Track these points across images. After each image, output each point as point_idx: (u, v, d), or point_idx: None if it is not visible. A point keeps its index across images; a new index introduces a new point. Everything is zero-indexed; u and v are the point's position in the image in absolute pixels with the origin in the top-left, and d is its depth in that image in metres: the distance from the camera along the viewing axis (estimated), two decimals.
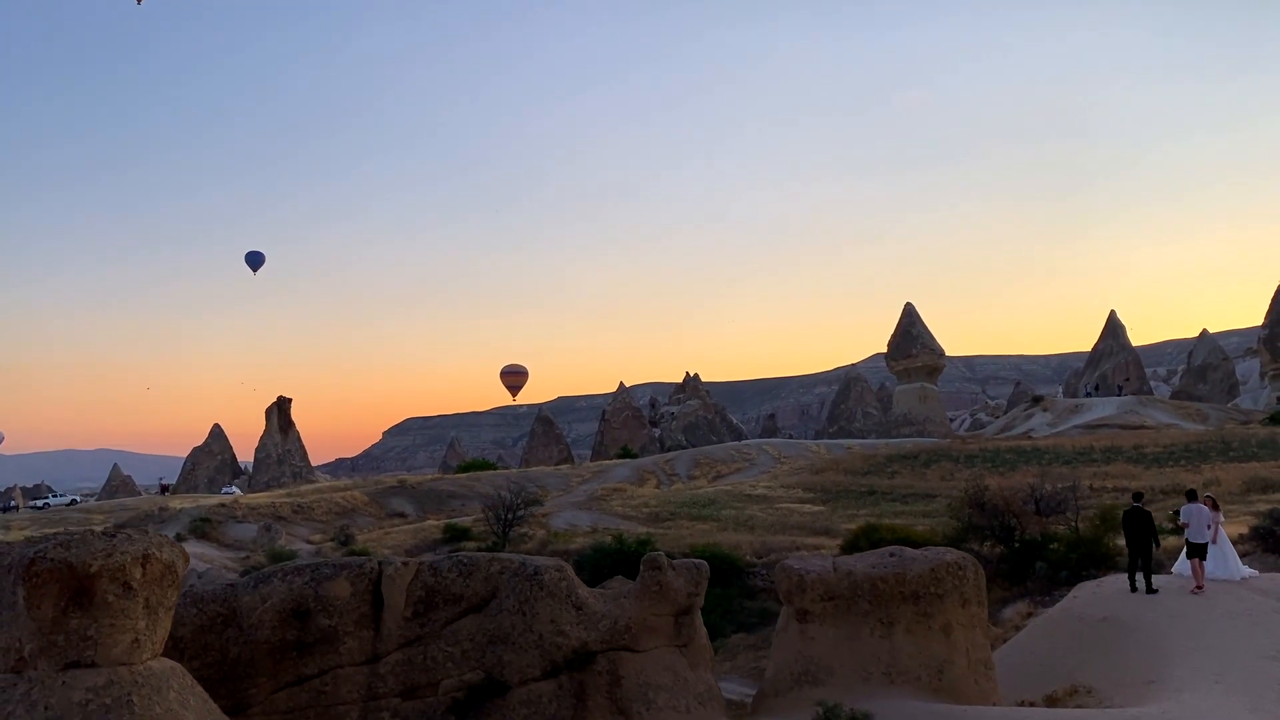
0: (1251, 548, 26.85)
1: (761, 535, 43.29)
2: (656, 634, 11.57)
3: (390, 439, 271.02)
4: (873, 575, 11.56)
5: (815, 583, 11.62)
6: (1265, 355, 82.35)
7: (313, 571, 11.43)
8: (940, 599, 11.44)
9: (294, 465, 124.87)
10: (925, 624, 11.45)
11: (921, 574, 11.47)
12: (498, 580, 11.53)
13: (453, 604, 11.43)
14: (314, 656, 11.15)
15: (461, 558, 11.70)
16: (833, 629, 11.63)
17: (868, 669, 11.38)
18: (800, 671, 11.54)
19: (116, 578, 8.15)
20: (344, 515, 49.50)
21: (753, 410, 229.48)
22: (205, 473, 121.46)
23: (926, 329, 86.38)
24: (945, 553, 11.94)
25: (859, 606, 11.58)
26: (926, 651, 11.40)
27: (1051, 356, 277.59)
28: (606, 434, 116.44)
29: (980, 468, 57.81)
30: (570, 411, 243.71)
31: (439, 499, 54.58)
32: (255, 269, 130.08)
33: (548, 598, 11.37)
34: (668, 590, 11.60)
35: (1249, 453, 53.56)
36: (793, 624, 11.84)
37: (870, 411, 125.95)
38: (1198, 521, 16.77)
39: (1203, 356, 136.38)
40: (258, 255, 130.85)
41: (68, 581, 8.05)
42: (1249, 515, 32.21)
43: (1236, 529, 30.57)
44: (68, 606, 8.06)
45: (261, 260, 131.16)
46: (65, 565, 8.05)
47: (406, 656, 11.24)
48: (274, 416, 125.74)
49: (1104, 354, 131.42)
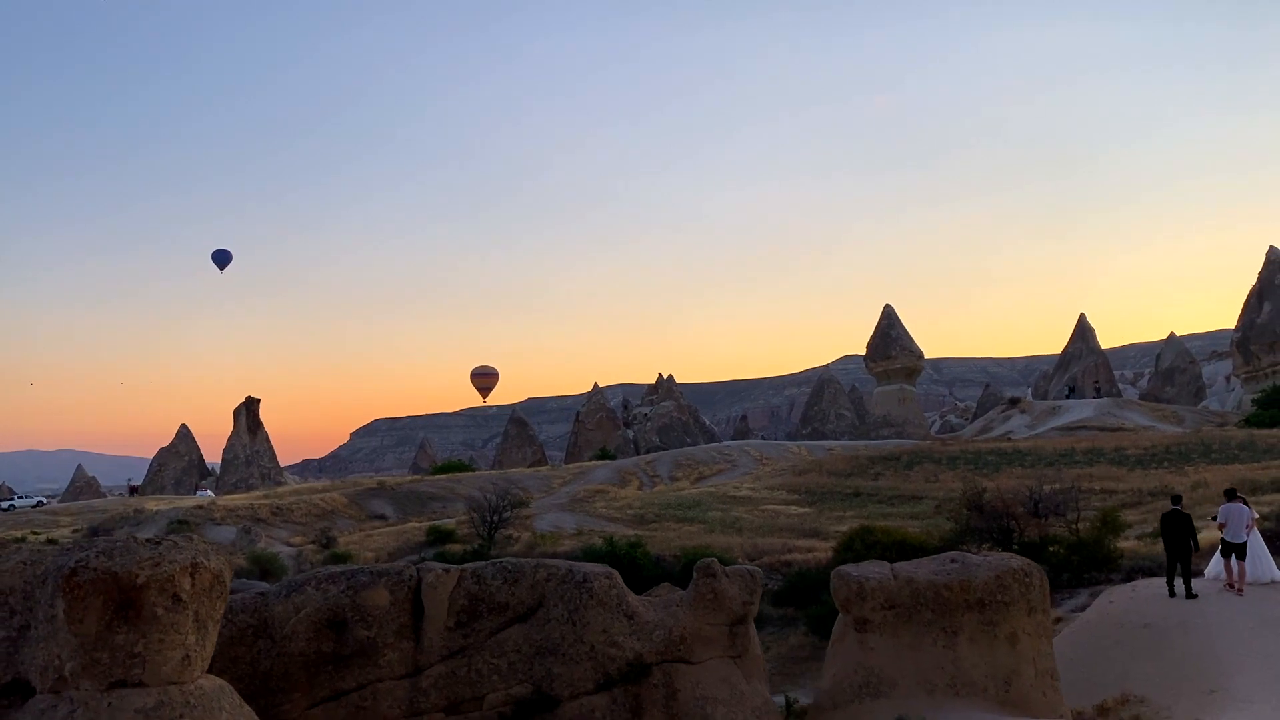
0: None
1: (750, 537, 42.84)
2: (711, 645, 11.03)
3: (358, 440, 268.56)
4: (936, 583, 11.08)
5: (875, 590, 11.12)
6: (1238, 358, 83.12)
7: (348, 579, 10.79)
8: (1006, 607, 10.98)
9: (262, 466, 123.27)
10: (990, 633, 10.99)
11: (986, 581, 11.01)
12: (544, 588, 10.95)
13: (497, 613, 10.83)
14: (351, 670, 10.51)
15: (506, 564, 11.11)
16: (893, 638, 11.14)
17: (931, 680, 10.90)
18: (861, 683, 11.04)
19: (165, 589, 7.48)
20: (323, 517, 48.55)
21: (723, 412, 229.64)
22: (172, 474, 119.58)
23: (905, 331, 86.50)
24: (1009, 558, 11.49)
25: (921, 615, 11.10)
26: (992, 662, 10.94)
27: (1017, 359, 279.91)
28: (580, 435, 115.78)
29: (963, 469, 57.77)
30: (540, 413, 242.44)
31: (419, 501, 53.72)
32: (222, 268, 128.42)
33: (598, 606, 10.80)
34: (723, 598, 11.07)
35: (1230, 455, 53.82)
36: (851, 633, 11.33)
37: (843, 413, 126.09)
38: (1236, 521, 16.49)
39: (1170, 359, 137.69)
40: (224, 254, 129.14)
41: (112, 593, 7.38)
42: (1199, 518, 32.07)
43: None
44: (112, 620, 7.38)
45: (228, 259, 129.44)
46: (109, 575, 7.39)
47: (450, 669, 10.63)
48: (242, 417, 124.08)
49: (1073, 356, 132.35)
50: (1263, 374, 78.69)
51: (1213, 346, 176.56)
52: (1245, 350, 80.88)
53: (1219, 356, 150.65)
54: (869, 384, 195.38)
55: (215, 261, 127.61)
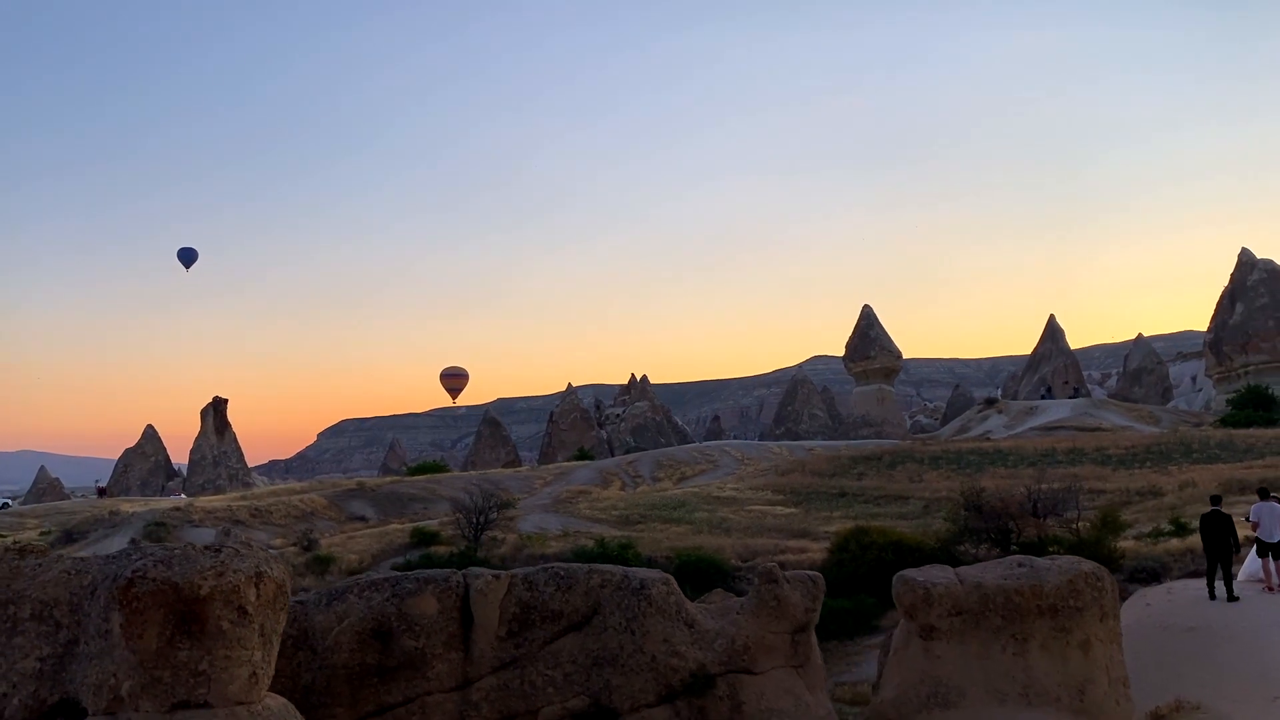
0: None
1: (739, 538, 42.41)
2: (774, 654, 10.54)
3: (325, 440, 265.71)
4: (1006, 588, 10.64)
5: (943, 596, 10.66)
6: (1211, 359, 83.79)
7: (393, 586, 10.19)
8: (1079, 612, 10.56)
9: (230, 467, 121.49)
10: (1063, 640, 10.57)
11: (1059, 585, 10.58)
12: (599, 595, 10.41)
13: (551, 622, 10.28)
14: (398, 682, 9.92)
15: (558, 569, 10.56)
16: (960, 646, 10.68)
17: (1002, 690, 10.46)
18: (928, 693, 10.58)
19: (230, 601, 6.88)
20: (303, 519, 47.58)
21: (693, 412, 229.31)
22: (138, 475, 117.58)
23: (884, 331, 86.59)
24: (1080, 562, 11.08)
25: (990, 621, 10.65)
26: (1065, 670, 10.51)
27: (983, 360, 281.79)
28: (555, 436, 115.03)
29: (946, 469, 57.74)
30: (509, 413, 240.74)
31: (400, 502, 52.86)
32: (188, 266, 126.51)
33: (657, 614, 10.27)
34: (785, 605, 10.58)
35: (1211, 454, 54.07)
36: (915, 641, 10.86)
37: (816, 413, 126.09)
38: (1269, 520, 16.24)
39: (1139, 360, 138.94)
40: (190, 252, 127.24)
41: (173, 606, 6.76)
42: (1238, 518, 32.08)
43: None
44: (174, 635, 6.77)
45: (194, 257, 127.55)
46: (170, 586, 6.77)
47: (501, 681, 10.06)
48: (209, 417, 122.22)
49: (1043, 357, 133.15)
50: (1235, 374, 79.34)
51: (1177, 348, 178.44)
52: (1218, 351, 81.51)
53: (1184, 357, 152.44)
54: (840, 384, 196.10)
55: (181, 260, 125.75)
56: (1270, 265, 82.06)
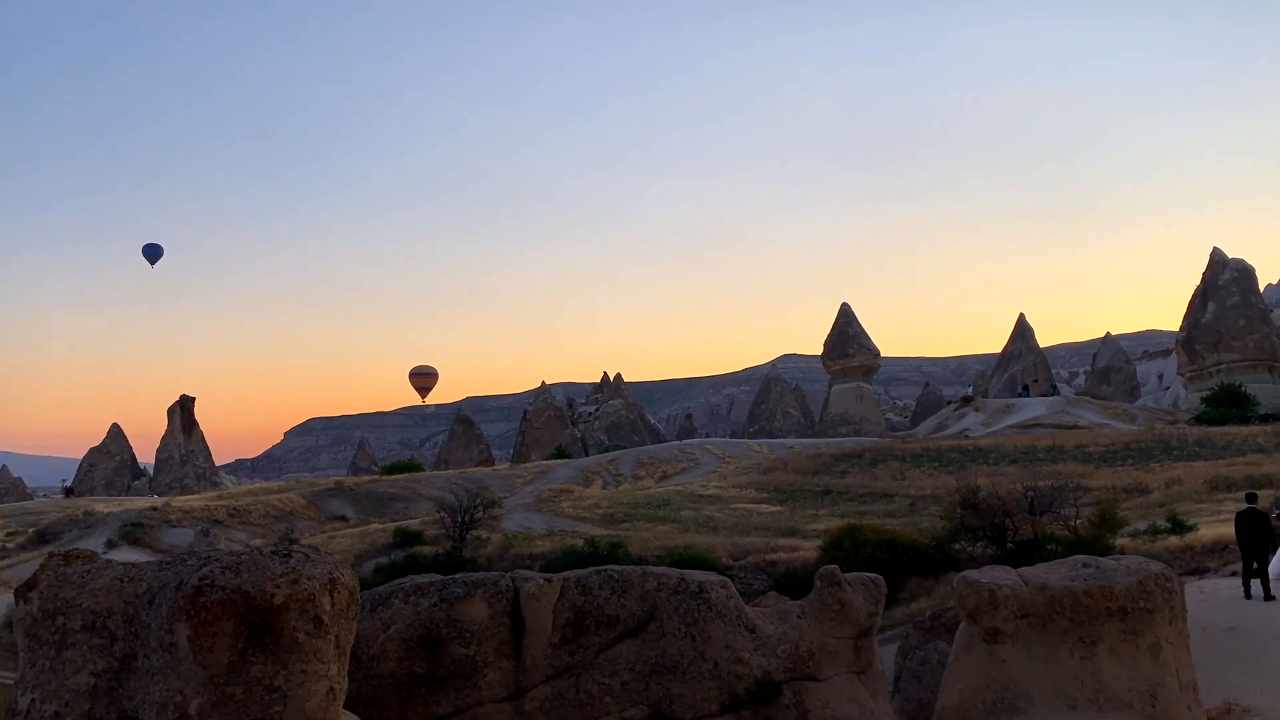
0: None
1: (728, 537, 42.13)
2: (836, 659, 10.11)
3: (292, 439, 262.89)
4: (1074, 589, 10.26)
5: (1009, 599, 10.27)
6: (1183, 357, 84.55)
7: (439, 591, 9.66)
8: (1150, 614, 10.19)
9: (197, 466, 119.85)
10: (1133, 643, 10.19)
11: (1129, 586, 10.21)
12: (655, 598, 9.92)
13: (606, 627, 9.78)
14: (447, 693, 9.40)
15: (612, 572, 10.06)
16: (1026, 650, 10.29)
17: (1072, 695, 10.08)
18: (994, 699, 10.18)
19: (306, 610, 6.33)
20: (282, 519, 46.78)
21: (663, 410, 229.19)
22: (103, 474, 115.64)
23: (863, 329, 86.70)
24: (1148, 563, 10.72)
25: (1057, 624, 10.27)
26: (1135, 674, 10.14)
27: (950, 359, 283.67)
28: (528, 434, 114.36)
29: (928, 467, 57.82)
30: (479, 412, 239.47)
31: (380, 501, 52.12)
32: (153, 262, 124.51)
33: (717, 619, 9.80)
34: (848, 609, 10.16)
35: (1190, 452, 54.42)
36: (978, 645, 10.45)
37: (790, 411, 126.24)
38: None
39: (1107, 358, 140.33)
40: (156, 248, 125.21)
41: (245, 616, 6.20)
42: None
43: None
44: (246, 648, 6.20)
45: (160, 253, 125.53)
46: (240, 595, 6.21)
47: (556, 690, 9.56)
48: (176, 416, 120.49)
49: (1013, 356, 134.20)
50: (1208, 372, 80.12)
51: (1141, 347, 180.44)
52: (1190, 349, 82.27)
53: (1150, 356, 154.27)
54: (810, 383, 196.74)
55: (146, 256, 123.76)
56: (1241, 264, 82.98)
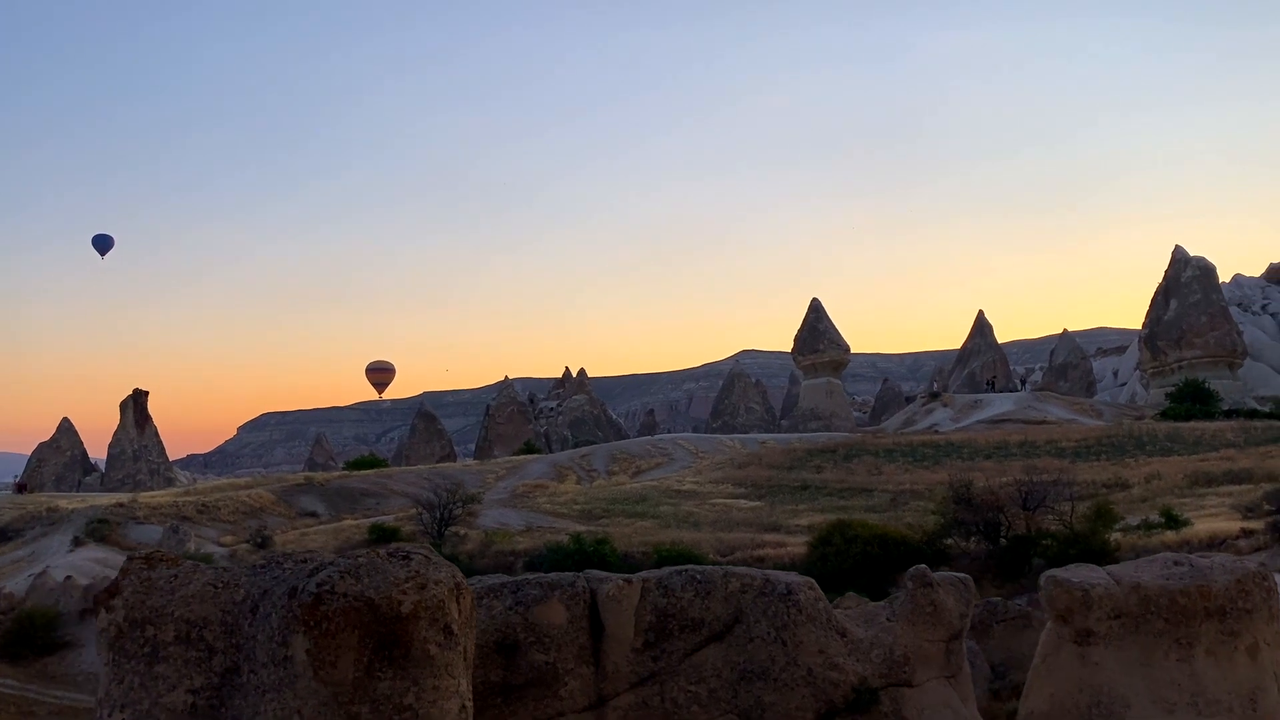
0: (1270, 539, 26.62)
1: (711, 532, 41.66)
2: (929, 664, 9.62)
3: (245, 434, 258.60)
4: (1169, 589, 9.85)
5: (1102, 598, 9.84)
6: (1145, 354, 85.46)
7: (514, 593, 9.04)
8: (1248, 614, 9.82)
9: (151, 462, 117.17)
10: (1230, 644, 9.81)
11: (1227, 586, 9.83)
12: (739, 600, 9.38)
13: (690, 631, 9.22)
14: (525, 702, 8.78)
15: (694, 573, 9.49)
16: (1120, 652, 9.87)
17: (1169, 699, 9.67)
18: (1089, 703, 9.74)
19: (436, 619, 5.71)
20: (252, 515, 45.60)
21: (622, 406, 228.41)
22: (53, 470, 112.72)
23: (833, 325, 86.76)
24: (1243, 560, 10.37)
25: (1151, 625, 9.85)
26: (1233, 676, 9.77)
27: (905, 355, 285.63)
28: (491, 429, 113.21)
29: (903, 462, 57.82)
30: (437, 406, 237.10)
31: (351, 498, 51.03)
32: (103, 253, 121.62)
33: (807, 622, 9.28)
34: (941, 611, 9.67)
35: (1162, 447, 54.83)
36: (1068, 647, 10.02)
37: (753, 407, 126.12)
38: None
39: (1064, 355, 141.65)
40: (106, 239, 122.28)
41: (371, 627, 5.57)
42: (1234, 511, 32.23)
43: (1235, 524, 30.49)
44: (372, 662, 5.57)
45: (110, 244, 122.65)
46: (365, 604, 5.58)
47: (640, 699, 8.98)
48: (129, 410, 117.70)
49: (972, 352, 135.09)
50: (1170, 369, 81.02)
51: (1095, 343, 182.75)
52: (1153, 346, 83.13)
53: (1104, 353, 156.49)
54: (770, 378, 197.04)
55: (96, 247, 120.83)
56: (1203, 263, 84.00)
